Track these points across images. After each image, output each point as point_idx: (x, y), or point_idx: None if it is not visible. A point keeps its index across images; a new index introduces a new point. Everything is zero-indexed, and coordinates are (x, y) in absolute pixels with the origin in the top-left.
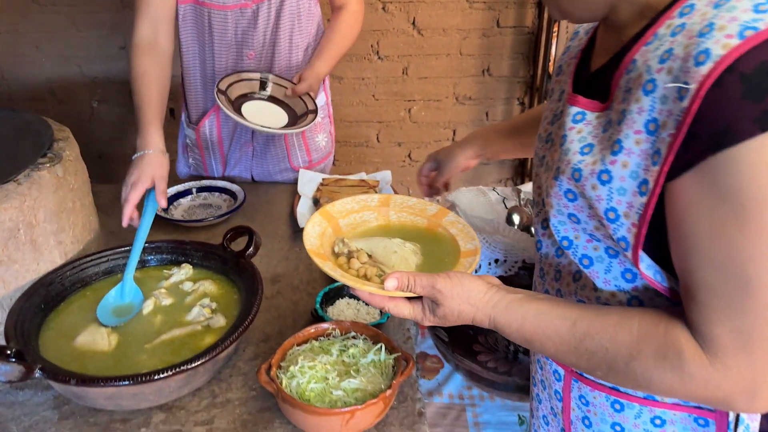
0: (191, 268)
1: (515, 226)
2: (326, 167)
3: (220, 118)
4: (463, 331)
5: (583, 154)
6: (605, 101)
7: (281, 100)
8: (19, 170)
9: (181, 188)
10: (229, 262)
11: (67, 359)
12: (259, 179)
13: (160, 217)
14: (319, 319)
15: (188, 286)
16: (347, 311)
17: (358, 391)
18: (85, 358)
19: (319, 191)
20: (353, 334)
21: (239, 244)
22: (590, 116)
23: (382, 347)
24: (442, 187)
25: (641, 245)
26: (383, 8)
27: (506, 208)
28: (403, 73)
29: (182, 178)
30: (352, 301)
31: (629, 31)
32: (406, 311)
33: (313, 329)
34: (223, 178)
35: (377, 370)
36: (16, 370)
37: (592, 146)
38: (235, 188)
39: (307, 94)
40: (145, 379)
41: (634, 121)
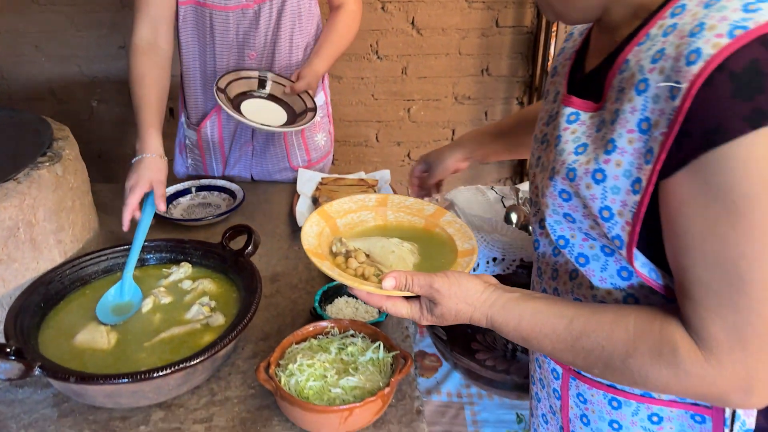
0: (190, 266)
1: (513, 224)
2: (325, 166)
3: (221, 118)
4: (461, 329)
5: (577, 154)
6: (599, 101)
7: (280, 98)
8: (18, 169)
9: (180, 187)
10: (228, 260)
11: (66, 357)
12: (258, 179)
13: (159, 216)
14: (317, 317)
15: (187, 284)
16: (346, 310)
17: (356, 389)
18: (84, 356)
19: (318, 190)
20: (352, 332)
21: (238, 242)
22: (584, 116)
23: (380, 345)
24: (433, 188)
25: (635, 243)
26: (382, 8)
27: (504, 206)
28: (402, 72)
29: (180, 178)
30: (350, 299)
31: (622, 31)
32: (403, 310)
33: (311, 327)
34: (222, 177)
35: (376, 368)
36: (15, 367)
37: (586, 146)
38: (234, 187)
39: (305, 92)
40: (144, 376)
41: (627, 120)
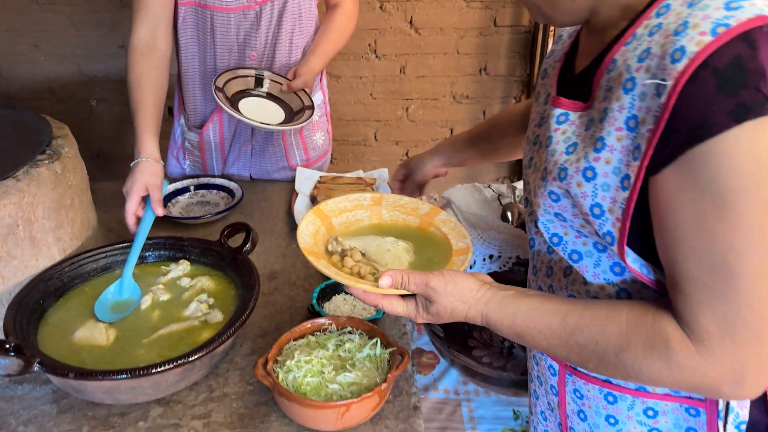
0: (189, 264)
1: (510, 222)
2: (324, 165)
3: (222, 119)
4: (458, 326)
5: (568, 153)
6: (587, 101)
7: (277, 96)
8: (18, 167)
9: (179, 186)
10: (226, 258)
11: (65, 354)
12: (257, 178)
13: None
14: (315, 314)
15: (186, 282)
16: (343, 307)
17: (353, 384)
18: (83, 352)
19: (316, 189)
20: (349, 329)
21: (236, 240)
22: (573, 116)
23: (377, 342)
24: (415, 191)
25: (626, 239)
26: (381, 7)
27: (501, 204)
28: (400, 71)
29: (174, 178)
30: (348, 297)
31: (610, 32)
32: (399, 309)
33: (309, 324)
34: (221, 176)
35: (373, 364)
36: (15, 363)
37: (576, 145)
38: (233, 186)
39: (302, 90)
40: (142, 372)
41: (615, 118)
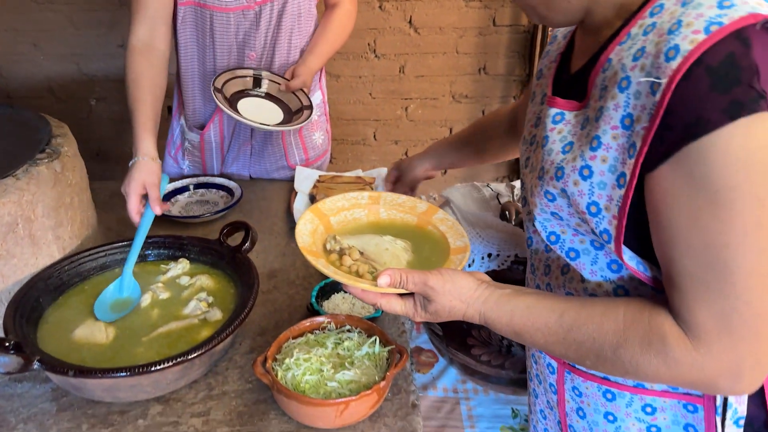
0: (188, 262)
1: (508, 221)
2: (323, 165)
3: (222, 120)
4: (457, 325)
5: (564, 152)
6: (582, 100)
7: (275, 96)
8: (17, 165)
9: (178, 185)
10: (225, 257)
11: (65, 352)
12: (256, 177)
13: None
14: (314, 313)
15: (185, 280)
16: (342, 305)
17: (352, 382)
18: (82, 350)
19: (315, 188)
20: (348, 327)
21: (236, 239)
22: (569, 116)
23: (376, 340)
24: (406, 193)
25: (623, 236)
26: (380, 7)
27: (500, 203)
28: (399, 71)
29: (173, 178)
30: (347, 295)
31: (605, 32)
32: (398, 307)
33: (308, 323)
34: (220, 175)
35: (372, 362)
36: (14, 361)
37: (572, 144)
38: (232, 185)
39: (300, 90)
40: (142, 370)
41: (610, 117)
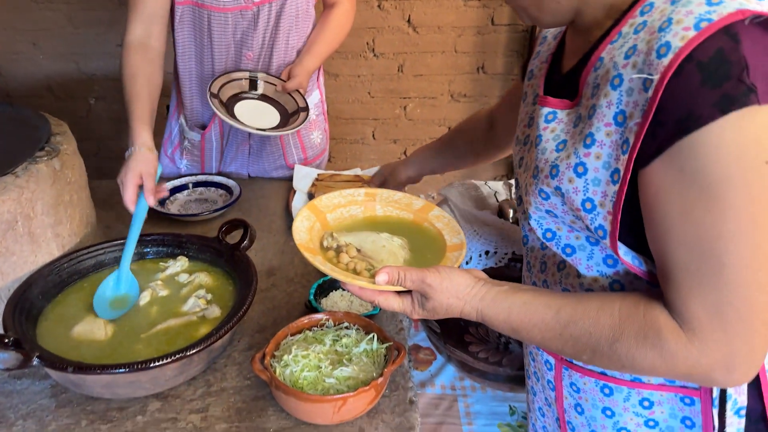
0: (187, 260)
1: (506, 219)
2: (321, 164)
3: (222, 120)
4: (454, 322)
5: (558, 150)
6: (574, 99)
7: (272, 97)
8: (17, 163)
9: (177, 183)
10: (224, 254)
11: (64, 348)
12: (255, 176)
13: (156, 211)
14: (312, 310)
15: (184, 277)
16: (341, 303)
17: (350, 379)
18: (82, 347)
19: (314, 186)
20: (346, 324)
21: (234, 237)
22: (561, 114)
23: (374, 337)
24: None
25: (618, 231)
26: (378, 6)
27: (497, 201)
28: (398, 70)
29: (170, 177)
30: (345, 292)
31: (596, 32)
32: (395, 305)
33: (306, 320)
34: (219, 173)
35: (369, 359)
36: (14, 357)
37: (565, 142)
38: (231, 183)
39: (297, 91)
40: (141, 367)
41: (604, 114)
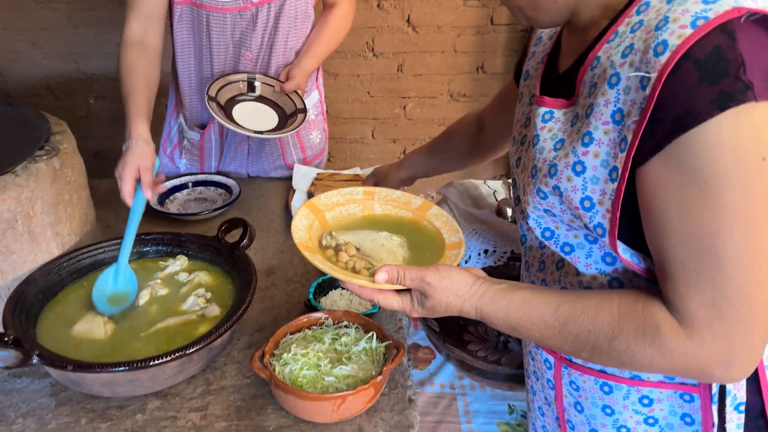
0: (186, 259)
1: (505, 218)
2: (321, 164)
3: None
4: (453, 321)
5: (556, 150)
6: (571, 98)
7: (270, 99)
8: (16, 162)
9: (177, 182)
10: (223, 253)
11: (64, 347)
12: (254, 176)
13: (156, 210)
14: (312, 309)
15: (183, 276)
16: (340, 302)
17: (349, 377)
18: (81, 345)
19: (313, 185)
20: (345, 323)
21: (234, 236)
22: (558, 114)
23: (373, 336)
24: None
25: (617, 229)
26: (378, 5)
27: (496, 200)
28: (397, 70)
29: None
30: (345, 291)
31: (592, 32)
32: (395, 303)
33: (305, 318)
34: (218, 173)
35: (369, 357)
36: (13, 356)
37: (563, 141)
38: (230, 182)
39: (295, 92)
40: (140, 365)
41: (601, 113)
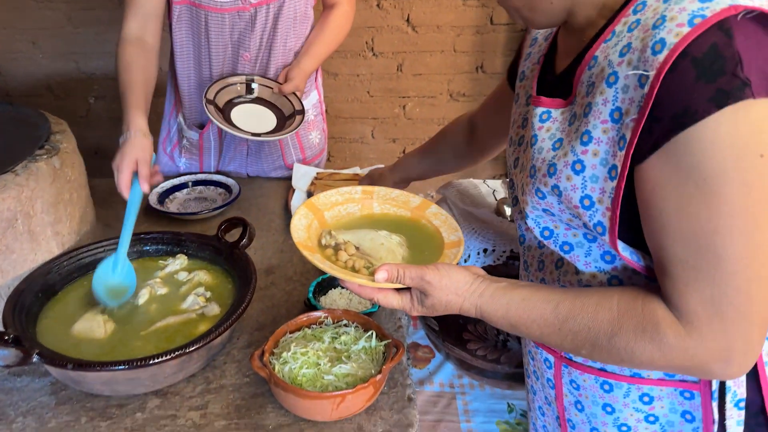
0: (186, 258)
1: (504, 217)
2: (320, 164)
3: None
4: (453, 319)
5: (555, 149)
6: (567, 98)
7: (268, 101)
8: (16, 161)
9: (176, 182)
10: (223, 252)
11: (64, 346)
12: (254, 176)
13: (155, 210)
14: (311, 308)
15: (183, 276)
16: (339, 301)
17: (349, 376)
18: (81, 344)
19: (313, 185)
20: (345, 322)
21: (234, 235)
22: (555, 113)
23: (373, 334)
24: None
25: (617, 227)
26: (378, 5)
27: (496, 200)
28: (397, 69)
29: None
30: (344, 290)
31: (589, 32)
32: (395, 302)
33: (305, 317)
34: (218, 172)
35: (368, 356)
36: (13, 354)
37: (561, 140)
38: (230, 182)
39: (293, 93)
40: (140, 363)
41: (600, 112)
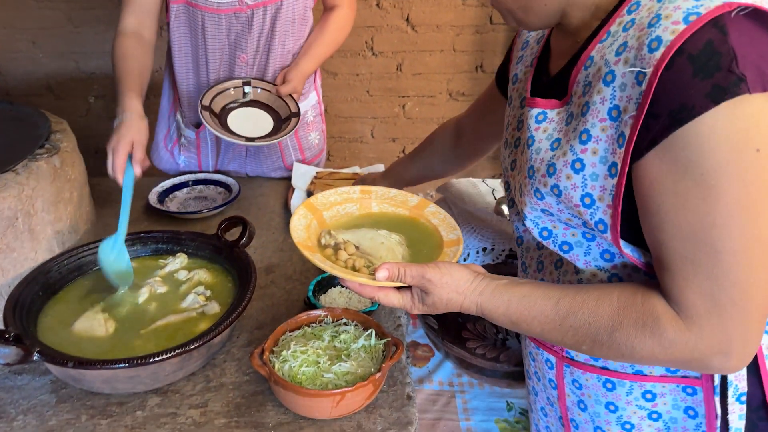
0: (186, 257)
1: (503, 216)
2: (320, 164)
3: None
4: (452, 318)
5: (553, 149)
6: (562, 99)
7: (265, 103)
8: (17, 161)
9: (176, 181)
10: (223, 251)
11: (64, 344)
12: (253, 176)
13: (155, 209)
14: (311, 307)
15: (183, 274)
16: (339, 299)
17: (348, 374)
18: (82, 343)
19: (313, 184)
20: (344, 320)
21: (233, 234)
22: (551, 114)
23: (372, 333)
24: None
25: (619, 223)
26: (377, 4)
27: (495, 198)
28: (397, 69)
29: (169, 174)
30: (344, 289)
31: (583, 33)
32: (395, 300)
33: (305, 316)
34: (218, 171)
35: (368, 354)
36: (14, 353)
37: (559, 140)
38: (230, 181)
39: (290, 95)
40: (141, 361)
41: (598, 110)
